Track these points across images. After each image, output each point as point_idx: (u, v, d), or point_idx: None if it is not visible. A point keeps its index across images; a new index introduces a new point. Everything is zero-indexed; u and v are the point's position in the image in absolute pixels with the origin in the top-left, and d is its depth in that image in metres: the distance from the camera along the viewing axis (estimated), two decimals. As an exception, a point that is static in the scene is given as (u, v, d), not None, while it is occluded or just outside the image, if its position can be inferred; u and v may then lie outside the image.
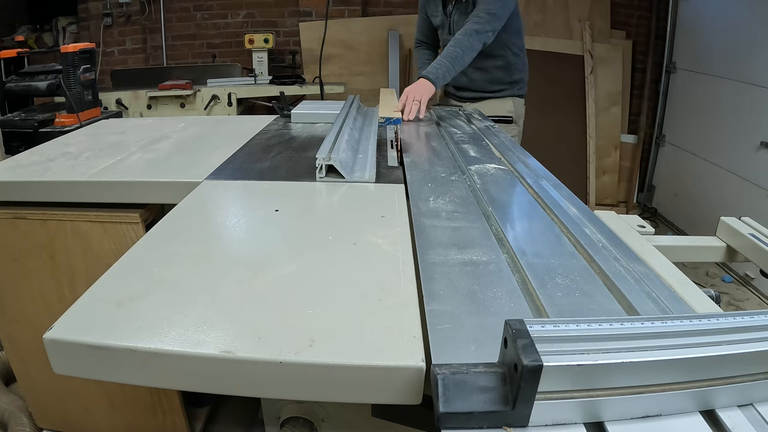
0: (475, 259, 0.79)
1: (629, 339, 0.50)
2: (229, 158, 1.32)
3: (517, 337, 0.47)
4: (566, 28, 3.82)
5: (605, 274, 0.75)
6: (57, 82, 2.33)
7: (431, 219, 0.94)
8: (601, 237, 0.88)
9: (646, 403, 0.49)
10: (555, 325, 0.50)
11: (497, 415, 0.47)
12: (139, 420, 1.45)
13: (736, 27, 3.11)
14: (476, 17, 1.94)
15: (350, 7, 3.79)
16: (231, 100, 3.35)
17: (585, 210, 1.01)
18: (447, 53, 1.90)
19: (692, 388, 0.50)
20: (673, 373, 0.49)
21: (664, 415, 0.50)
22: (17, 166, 1.29)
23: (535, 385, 0.46)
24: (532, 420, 0.48)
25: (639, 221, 1.13)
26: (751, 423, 0.51)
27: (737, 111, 3.09)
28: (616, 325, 0.51)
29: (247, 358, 0.57)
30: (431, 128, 1.75)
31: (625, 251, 0.83)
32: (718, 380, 0.51)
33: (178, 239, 0.84)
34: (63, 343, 0.59)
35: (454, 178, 1.19)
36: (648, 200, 4.08)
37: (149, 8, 3.81)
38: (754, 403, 0.53)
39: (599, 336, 0.49)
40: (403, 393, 0.57)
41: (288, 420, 1.02)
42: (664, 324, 0.52)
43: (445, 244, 0.84)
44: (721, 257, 1.17)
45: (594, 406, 0.48)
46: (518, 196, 1.11)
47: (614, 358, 0.47)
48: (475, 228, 0.91)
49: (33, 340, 1.35)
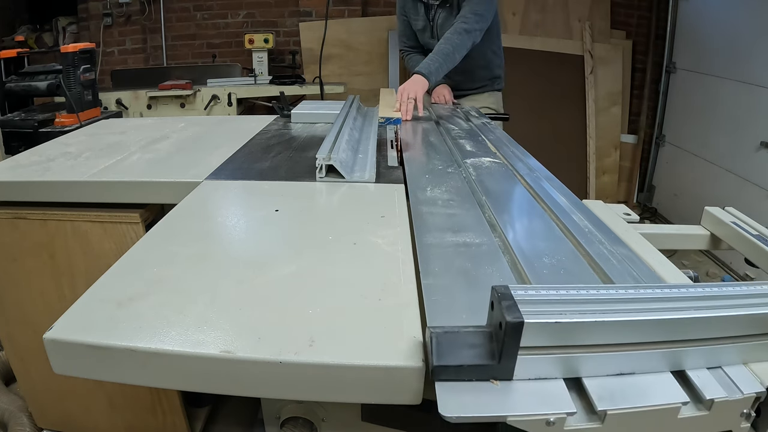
0: (468, 241, 0.84)
1: (604, 303, 0.54)
2: (229, 158, 1.32)
3: (502, 300, 0.52)
4: (566, 28, 3.82)
5: (590, 256, 0.79)
6: (57, 82, 2.33)
7: (428, 206, 0.98)
8: (588, 223, 0.92)
9: (620, 362, 0.54)
10: (536, 290, 0.55)
11: (484, 369, 0.52)
12: (139, 420, 1.45)
13: (736, 27, 3.11)
14: (464, 18, 1.98)
15: (350, 7, 3.78)
16: (231, 100, 3.35)
17: (574, 199, 1.05)
18: (438, 50, 1.92)
19: (662, 348, 0.54)
20: (643, 333, 0.53)
21: (637, 373, 0.54)
22: (17, 166, 1.29)
23: (518, 340, 0.51)
24: (516, 374, 0.53)
25: (625, 209, 1.17)
26: (719, 383, 0.55)
27: (737, 111, 3.09)
28: (592, 292, 0.56)
29: (247, 358, 0.57)
30: (430, 125, 1.78)
31: (609, 236, 0.87)
32: (686, 342, 0.55)
33: (178, 239, 0.84)
34: (63, 343, 0.59)
35: (451, 170, 1.23)
36: (648, 200, 4.08)
37: (149, 8, 3.81)
38: (723, 366, 0.57)
39: (576, 300, 0.54)
40: (402, 393, 0.57)
41: (288, 420, 1.02)
42: (637, 291, 0.57)
43: (440, 228, 0.88)
44: (705, 245, 1.22)
45: (572, 363, 0.53)
46: (511, 187, 1.15)
47: (588, 317, 0.52)
48: (469, 215, 0.96)
49: (33, 340, 1.35)
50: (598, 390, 0.53)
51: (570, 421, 0.51)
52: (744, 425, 0.56)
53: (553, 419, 0.50)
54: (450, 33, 1.96)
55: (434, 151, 1.41)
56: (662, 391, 0.53)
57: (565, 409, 0.51)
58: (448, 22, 2.12)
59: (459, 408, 0.50)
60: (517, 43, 3.76)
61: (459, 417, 0.49)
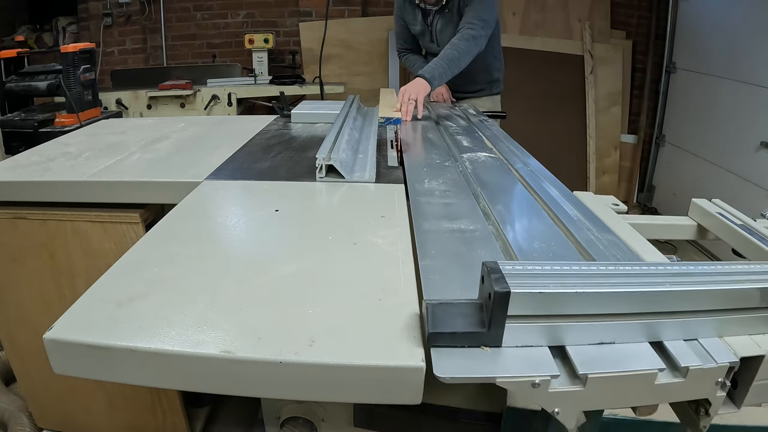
0: (463, 227, 0.89)
1: (585, 277, 0.59)
2: (229, 158, 1.32)
3: (491, 273, 0.57)
4: (566, 28, 3.82)
5: (578, 242, 0.83)
6: (57, 82, 2.33)
7: (426, 197, 1.04)
8: (578, 212, 0.97)
9: (601, 331, 0.58)
10: (523, 266, 0.60)
11: (475, 336, 0.56)
12: (139, 420, 1.45)
13: (736, 27, 3.11)
14: (470, 24, 1.98)
15: (350, 7, 3.78)
16: (231, 100, 3.35)
17: (564, 190, 1.10)
18: (444, 55, 1.92)
19: (641, 319, 0.58)
20: (621, 305, 0.58)
21: (617, 343, 0.59)
22: (17, 166, 1.29)
23: (505, 309, 0.55)
24: (504, 341, 0.57)
25: (614, 200, 1.22)
26: (694, 353, 0.59)
27: (737, 111, 3.09)
28: (575, 267, 0.61)
29: (247, 358, 0.57)
30: (429, 122, 1.80)
31: (597, 223, 0.92)
32: (664, 314, 0.59)
33: (178, 239, 0.84)
34: (63, 343, 0.59)
35: (448, 164, 1.29)
36: (648, 200, 4.08)
37: (149, 8, 3.81)
38: (699, 339, 0.61)
39: (559, 274, 0.59)
40: (402, 393, 0.57)
41: (288, 420, 1.02)
42: (617, 268, 0.62)
43: (437, 216, 0.93)
44: (692, 235, 1.27)
45: (556, 332, 0.58)
46: (505, 179, 1.19)
47: (570, 288, 0.56)
48: (464, 204, 1.01)
49: (33, 340, 1.35)
50: (580, 357, 0.57)
51: (554, 384, 0.55)
52: (720, 394, 0.60)
53: (539, 381, 0.54)
54: (457, 39, 1.96)
55: (432, 147, 1.46)
56: (640, 359, 0.57)
57: (550, 372, 0.55)
58: (448, 27, 2.13)
59: (452, 370, 0.54)
60: (517, 43, 3.76)
61: (452, 378, 0.53)
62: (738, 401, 0.62)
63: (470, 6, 2.01)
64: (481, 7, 1.99)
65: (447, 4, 2.08)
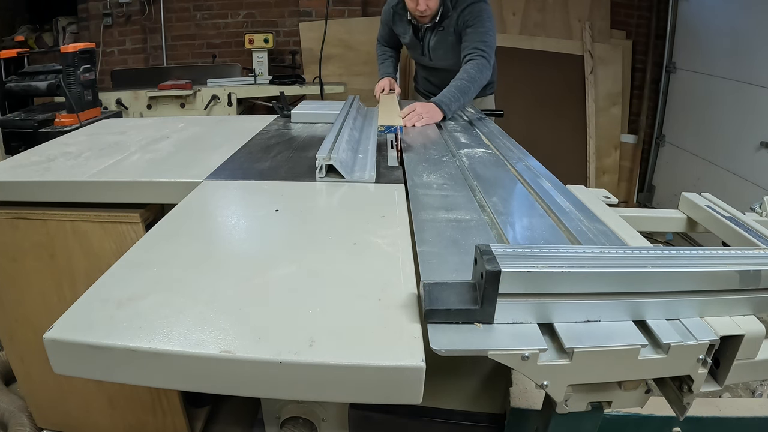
0: (459, 217, 0.93)
1: (572, 259, 0.63)
2: (229, 158, 1.32)
3: (483, 254, 0.61)
4: (566, 28, 3.82)
5: (569, 231, 0.88)
6: (57, 82, 2.33)
7: (424, 189, 1.08)
8: (570, 204, 1.01)
9: (587, 310, 0.62)
10: (513, 248, 0.65)
11: (469, 313, 0.60)
12: (139, 420, 1.45)
13: (736, 27, 3.11)
14: (479, 50, 1.96)
15: (350, 7, 3.78)
16: (231, 100, 3.35)
17: (558, 184, 1.14)
18: (458, 85, 1.89)
19: (625, 299, 0.62)
20: (606, 284, 0.61)
21: (602, 321, 0.63)
22: (17, 166, 1.29)
23: (496, 287, 0.59)
24: (496, 318, 0.61)
25: (605, 193, 1.27)
26: (676, 331, 0.62)
27: (737, 111, 3.09)
28: (563, 251, 0.65)
29: (247, 358, 0.57)
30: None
31: (588, 214, 0.96)
32: (647, 294, 0.62)
33: (178, 239, 0.84)
34: (63, 343, 0.59)
35: (446, 159, 1.33)
36: (648, 200, 4.08)
37: (149, 8, 3.81)
38: (680, 318, 0.64)
39: (548, 256, 0.63)
40: (402, 393, 0.57)
41: (288, 420, 1.02)
42: (602, 251, 0.66)
43: (435, 207, 0.98)
44: (682, 228, 1.32)
45: (544, 309, 0.62)
46: (500, 174, 1.23)
47: (557, 268, 0.60)
48: (460, 196, 1.05)
49: (33, 340, 1.35)
50: (567, 332, 0.60)
51: (543, 357, 0.59)
52: (701, 371, 0.63)
53: (528, 354, 0.58)
54: (472, 69, 1.93)
55: (431, 143, 1.50)
56: (624, 335, 0.61)
57: (538, 345, 0.58)
58: (442, 45, 2.13)
59: (447, 343, 0.57)
60: (517, 43, 3.76)
61: (447, 351, 0.57)
62: (720, 379, 0.66)
63: (472, 28, 1.99)
64: (483, 30, 1.98)
65: (441, 22, 2.07)
